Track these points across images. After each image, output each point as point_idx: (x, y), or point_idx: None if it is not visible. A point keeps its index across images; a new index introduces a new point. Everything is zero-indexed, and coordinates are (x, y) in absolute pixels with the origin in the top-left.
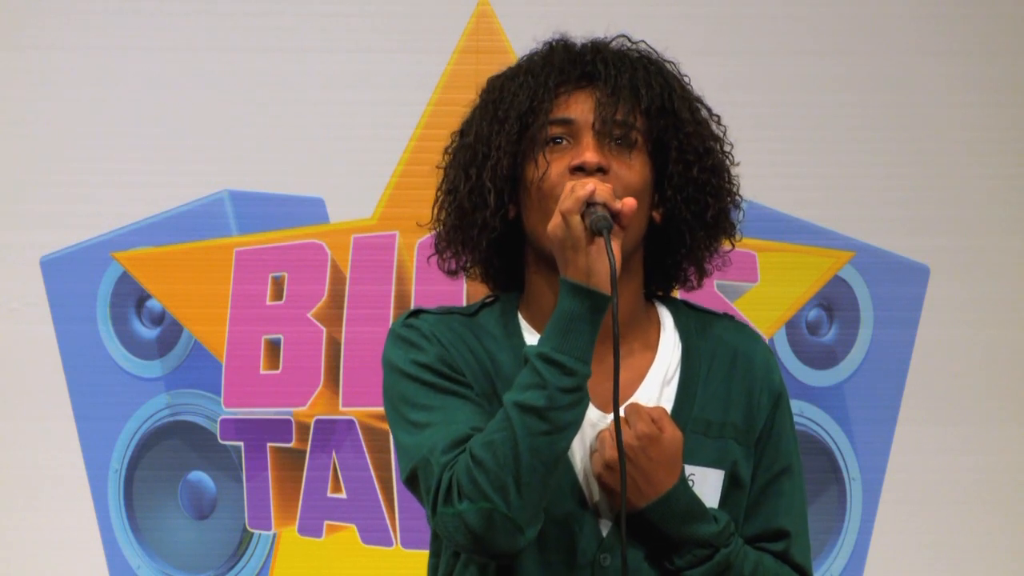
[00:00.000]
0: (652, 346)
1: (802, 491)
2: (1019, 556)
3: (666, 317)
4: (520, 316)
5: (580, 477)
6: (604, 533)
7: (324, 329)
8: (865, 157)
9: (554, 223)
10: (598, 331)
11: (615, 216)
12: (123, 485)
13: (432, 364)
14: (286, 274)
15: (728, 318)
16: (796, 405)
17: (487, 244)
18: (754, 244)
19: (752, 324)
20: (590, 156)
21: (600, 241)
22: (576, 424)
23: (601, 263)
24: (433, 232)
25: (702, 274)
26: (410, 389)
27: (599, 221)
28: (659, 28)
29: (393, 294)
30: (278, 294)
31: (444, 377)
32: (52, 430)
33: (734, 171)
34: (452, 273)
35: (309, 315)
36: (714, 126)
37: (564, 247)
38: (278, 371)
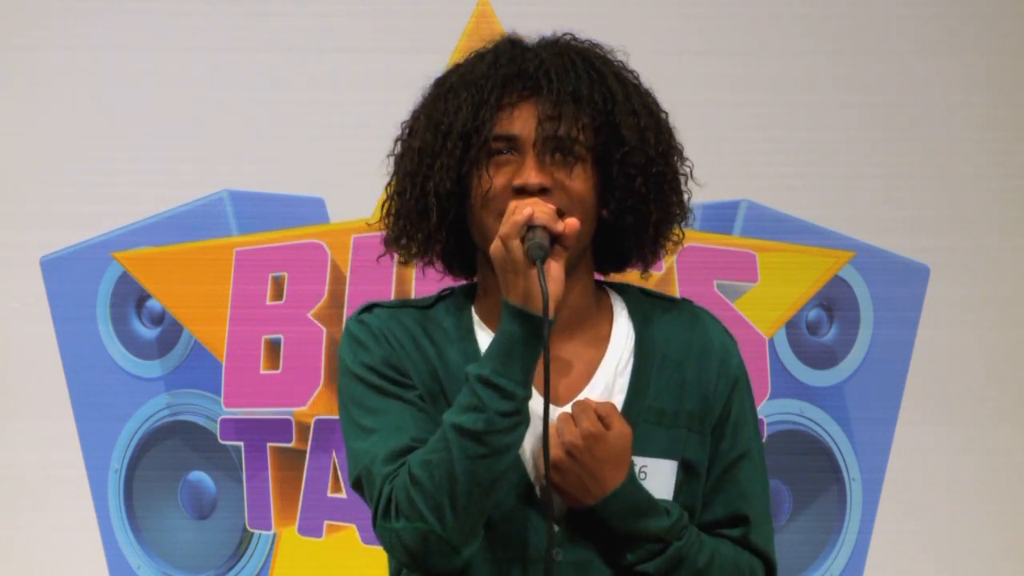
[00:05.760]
0: (605, 337)
1: (763, 475)
2: (1019, 556)
3: (619, 306)
4: (473, 310)
5: (530, 473)
6: (556, 528)
7: (324, 329)
8: (865, 157)
9: (495, 246)
10: (539, 352)
11: (557, 237)
12: (123, 485)
13: (377, 366)
14: (286, 274)
15: (685, 302)
16: (796, 405)
17: (435, 249)
18: (754, 244)
19: (752, 324)
20: (531, 177)
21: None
22: (515, 446)
23: (540, 288)
24: (382, 229)
25: (654, 260)
26: (357, 390)
27: (534, 250)
28: (659, 28)
29: (393, 294)
30: (278, 294)
31: (389, 380)
32: (52, 430)
33: (687, 164)
34: (404, 263)
35: (309, 315)
36: (659, 132)
37: (504, 270)
38: (278, 371)
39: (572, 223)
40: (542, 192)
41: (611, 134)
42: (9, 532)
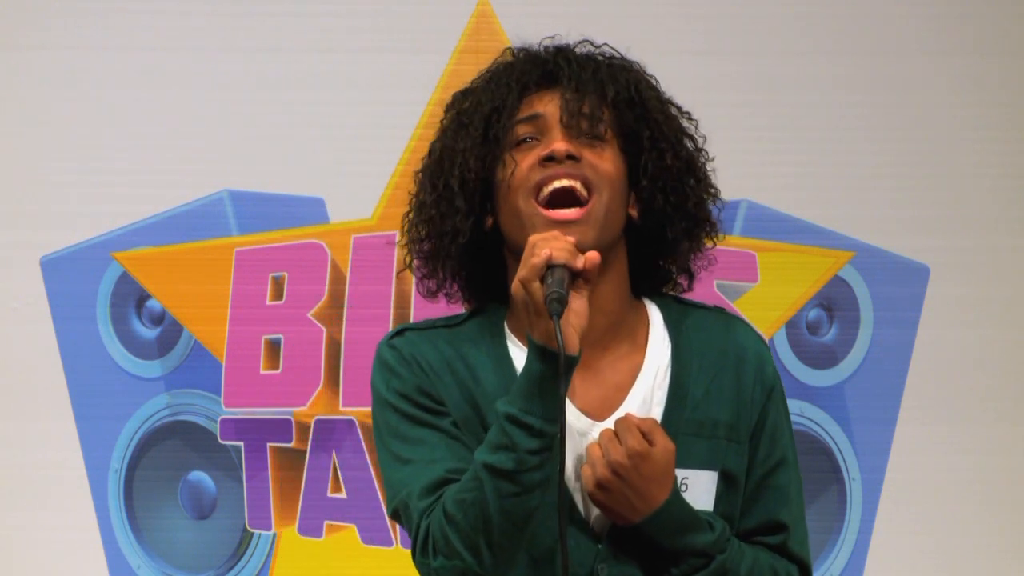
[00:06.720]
0: (641, 346)
1: (798, 482)
2: (1019, 556)
3: (655, 314)
4: (506, 326)
5: (571, 490)
6: (599, 545)
7: (324, 329)
8: (865, 157)
9: (515, 287)
10: (567, 387)
11: (579, 272)
12: (123, 485)
13: (410, 393)
14: (286, 274)
15: (719, 311)
16: (796, 405)
17: (460, 252)
18: (754, 244)
19: (752, 324)
20: (559, 145)
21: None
22: (547, 482)
23: (564, 326)
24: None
25: (690, 275)
26: (392, 419)
27: (553, 304)
28: (659, 28)
29: (393, 294)
30: (278, 294)
31: (422, 408)
32: (52, 430)
33: (710, 166)
34: (432, 294)
35: (309, 315)
36: (685, 121)
37: (527, 311)
38: (278, 371)
39: (592, 256)
40: (570, 159)
41: (638, 111)
42: (9, 532)
